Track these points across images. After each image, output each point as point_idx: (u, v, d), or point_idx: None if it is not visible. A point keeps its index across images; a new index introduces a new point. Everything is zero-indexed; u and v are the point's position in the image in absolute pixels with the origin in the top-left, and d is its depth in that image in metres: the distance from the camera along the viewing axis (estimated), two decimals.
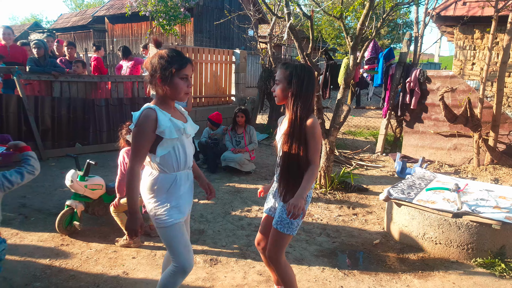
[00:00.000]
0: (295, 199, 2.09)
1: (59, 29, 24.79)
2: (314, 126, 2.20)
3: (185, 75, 2.05)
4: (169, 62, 2.01)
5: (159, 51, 2.07)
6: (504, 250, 3.31)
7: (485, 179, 5.88)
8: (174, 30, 12.31)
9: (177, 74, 2.02)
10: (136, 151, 2.01)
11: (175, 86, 2.04)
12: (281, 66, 2.30)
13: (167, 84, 2.02)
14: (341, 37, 26.91)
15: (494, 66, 7.94)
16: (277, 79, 2.28)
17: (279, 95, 2.29)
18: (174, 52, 2.06)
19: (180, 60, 2.05)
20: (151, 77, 2.05)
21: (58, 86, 6.42)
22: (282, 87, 2.26)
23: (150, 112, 2.01)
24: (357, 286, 2.99)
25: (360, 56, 5.23)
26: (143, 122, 1.99)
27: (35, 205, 4.39)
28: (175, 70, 2.01)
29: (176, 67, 2.01)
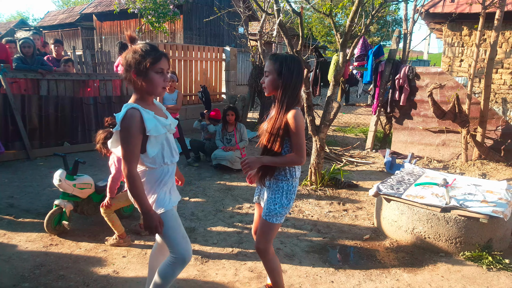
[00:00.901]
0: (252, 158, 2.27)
1: (46, 27, 24.46)
2: (298, 116, 2.23)
3: (160, 69, 2.01)
4: (143, 56, 1.97)
5: (133, 46, 2.03)
6: (491, 243, 3.37)
7: (473, 174, 5.96)
8: (163, 28, 12.23)
9: (152, 69, 1.98)
10: (129, 154, 1.96)
11: (151, 80, 2.00)
12: (270, 58, 2.30)
13: (143, 79, 1.99)
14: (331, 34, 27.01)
15: (481, 62, 8.03)
16: (267, 71, 2.28)
17: (268, 86, 2.29)
18: (148, 46, 2.02)
19: (154, 53, 2.00)
20: (126, 72, 2.02)
21: (46, 85, 6.33)
22: (272, 78, 2.26)
23: (134, 112, 1.96)
24: (348, 281, 3.01)
25: (350, 53, 5.25)
26: (130, 123, 1.94)
27: (23, 205, 4.33)
28: (150, 64, 1.96)
29: (150, 60, 1.97)
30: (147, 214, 2.01)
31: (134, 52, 1.99)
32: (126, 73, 2.01)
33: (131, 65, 1.99)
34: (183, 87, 8.87)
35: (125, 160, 1.96)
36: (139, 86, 2.01)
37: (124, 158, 1.97)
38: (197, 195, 4.87)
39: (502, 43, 8.22)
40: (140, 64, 1.97)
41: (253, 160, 2.26)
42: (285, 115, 2.23)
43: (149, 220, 2.02)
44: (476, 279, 3.06)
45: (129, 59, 1.99)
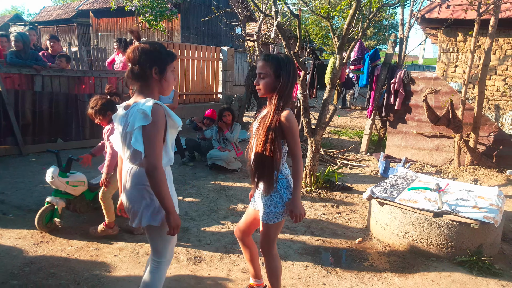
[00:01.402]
0: (293, 206, 2.26)
1: (41, 22, 24.29)
2: (292, 116, 2.26)
3: (174, 68, 2.05)
4: (165, 55, 1.98)
5: (143, 43, 2.00)
6: (481, 248, 3.39)
7: (465, 179, 6.00)
8: (161, 26, 12.18)
9: (170, 67, 2.01)
10: (158, 148, 1.90)
11: (167, 79, 2.01)
12: (265, 59, 2.27)
13: (160, 77, 1.98)
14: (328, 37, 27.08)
15: (476, 68, 8.10)
16: (263, 72, 2.25)
17: (265, 88, 2.27)
18: (160, 44, 2.04)
19: (171, 52, 2.04)
20: (140, 70, 1.95)
21: (40, 80, 6.28)
22: (269, 80, 2.25)
23: (159, 107, 1.91)
24: (340, 283, 3.02)
25: (347, 56, 5.27)
26: (159, 117, 1.89)
27: (14, 201, 4.29)
28: (170, 62, 1.99)
29: (169, 60, 1.99)
30: (173, 214, 1.95)
31: (154, 50, 1.96)
32: (142, 71, 1.95)
33: (154, 62, 1.95)
34: (179, 87, 8.85)
35: (153, 155, 1.87)
36: (157, 84, 2.00)
37: (152, 154, 1.88)
38: (192, 195, 4.85)
39: (495, 50, 8.30)
40: (163, 62, 1.97)
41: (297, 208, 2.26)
42: (279, 115, 2.23)
43: (176, 219, 1.97)
44: (466, 284, 3.08)
45: (151, 56, 1.95)
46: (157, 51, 1.97)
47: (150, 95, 1.98)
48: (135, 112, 1.90)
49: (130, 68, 1.98)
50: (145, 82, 1.98)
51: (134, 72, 1.97)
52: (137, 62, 1.95)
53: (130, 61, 1.97)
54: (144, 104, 1.89)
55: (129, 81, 2.01)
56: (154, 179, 1.88)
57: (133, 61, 1.96)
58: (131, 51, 1.97)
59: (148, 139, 1.88)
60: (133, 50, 1.97)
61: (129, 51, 1.97)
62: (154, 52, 1.96)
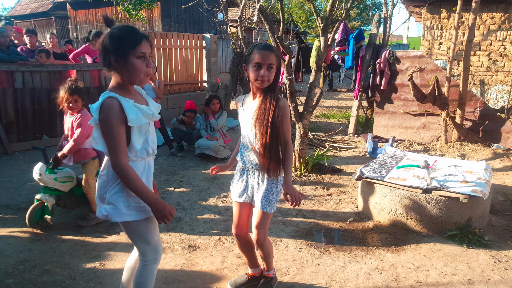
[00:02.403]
0: (289, 189, 2.30)
1: (17, 17, 23.64)
2: (287, 105, 2.29)
3: (142, 53, 1.82)
4: (122, 39, 1.80)
5: (110, 29, 1.86)
6: (471, 221, 3.47)
7: (453, 155, 6.10)
8: (141, 15, 11.97)
9: (133, 53, 1.81)
10: (115, 146, 1.79)
11: (132, 66, 1.82)
12: (272, 49, 2.22)
13: (123, 66, 1.82)
14: (312, 20, 26.93)
15: (460, 45, 8.16)
16: (272, 63, 2.19)
17: (270, 79, 2.22)
18: (127, 28, 1.84)
19: (134, 36, 1.82)
20: (103, 59, 1.84)
21: (20, 77, 6.14)
22: (274, 71, 2.22)
23: (111, 101, 1.79)
24: (333, 263, 3.06)
25: (331, 38, 5.25)
26: (109, 113, 1.77)
27: (3, 200, 4.23)
28: (129, 48, 1.80)
29: (129, 44, 1.80)
30: (156, 204, 1.86)
31: (111, 36, 1.81)
32: (104, 59, 1.84)
33: (109, 50, 1.81)
34: (163, 76, 8.73)
35: (112, 154, 1.80)
36: (119, 73, 1.85)
37: (110, 153, 1.80)
38: (182, 185, 4.84)
39: (479, 26, 8.36)
40: (119, 49, 1.79)
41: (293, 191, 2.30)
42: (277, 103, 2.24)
43: (160, 209, 1.86)
44: (456, 256, 3.16)
45: (106, 43, 1.81)
46: (112, 37, 1.81)
47: (119, 84, 1.89)
48: (93, 109, 1.85)
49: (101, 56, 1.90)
50: (111, 72, 1.88)
51: (103, 61, 1.88)
52: (101, 50, 1.85)
53: (99, 49, 1.89)
54: (99, 100, 1.82)
55: (105, 70, 1.92)
56: (122, 177, 1.82)
57: (100, 49, 1.87)
58: (100, 39, 1.88)
59: (104, 136, 1.81)
60: (101, 37, 1.87)
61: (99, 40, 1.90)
62: (112, 38, 1.81)
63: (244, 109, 2.39)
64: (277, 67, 2.23)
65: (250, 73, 2.23)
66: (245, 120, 2.36)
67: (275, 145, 2.26)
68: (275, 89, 2.27)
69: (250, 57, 2.23)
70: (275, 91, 2.27)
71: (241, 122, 2.41)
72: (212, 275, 2.89)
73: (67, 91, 3.43)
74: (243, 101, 2.44)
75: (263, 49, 2.19)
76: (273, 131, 2.23)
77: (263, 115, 2.23)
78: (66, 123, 3.62)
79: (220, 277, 2.87)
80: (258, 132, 2.25)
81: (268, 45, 2.25)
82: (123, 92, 1.88)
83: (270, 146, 2.24)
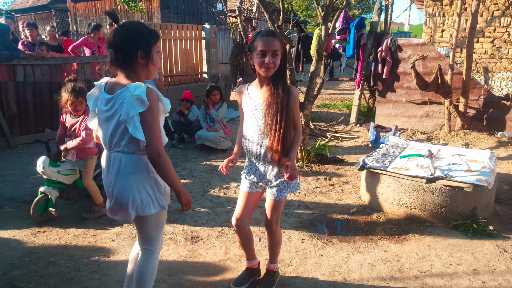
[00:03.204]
0: (291, 163, 2.21)
1: (17, 10, 23.50)
2: (297, 92, 2.27)
3: (159, 49, 1.90)
4: (148, 35, 1.83)
5: (122, 25, 1.84)
6: (475, 211, 3.45)
7: (457, 144, 6.06)
8: (140, 7, 11.86)
9: (154, 48, 1.86)
10: (159, 133, 1.83)
11: (154, 62, 1.88)
12: (275, 35, 2.18)
13: (147, 60, 1.84)
14: (312, 8, 26.68)
15: (463, 32, 8.06)
16: (277, 49, 2.14)
17: (276, 65, 2.18)
18: (143, 24, 1.89)
19: (154, 32, 1.87)
20: (124, 55, 1.82)
21: (22, 70, 6.11)
22: (279, 57, 2.17)
23: (153, 90, 1.82)
24: (336, 254, 3.06)
25: (332, 27, 5.19)
26: (155, 101, 1.81)
27: (6, 194, 4.24)
28: (154, 44, 1.85)
29: (154, 39, 1.85)
30: (184, 191, 1.95)
31: (137, 31, 1.82)
32: (126, 55, 1.82)
33: (139, 46, 1.81)
34: (163, 68, 8.67)
35: (156, 142, 1.81)
36: (143, 69, 1.87)
37: (154, 140, 1.81)
38: (184, 176, 4.84)
39: (482, 12, 8.25)
40: (147, 45, 1.83)
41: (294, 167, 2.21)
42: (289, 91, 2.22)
43: (187, 196, 1.96)
44: (461, 246, 3.15)
45: (134, 39, 1.81)
46: (139, 32, 1.81)
47: (136, 80, 1.86)
48: (129, 99, 1.77)
49: (112, 54, 1.85)
50: (130, 68, 1.85)
51: (117, 59, 1.84)
52: (119, 48, 1.81)
53: (112, 47, 1.83)
54: (137, 89, 1.77)
55: (113, 68, 1.88)
56: (161, 165, 1.83)
57: (114, 47, 1.82)
58: (111, 35, 1.82)
59: (148, 125, 1.80)
60: (113, 34, 1.81)
61: (109, 36, 1.84)
62: (136, 34, 1.81)
63: (251, 97, 2.31)
64: (282, 53, 2.18)
65: (255, 61, 2.18)
66: (252, 108, 2.29)
67: (286, 134, 2.22)
68: (285, 76, 2.25)
69: (253, 44, 2.18)
70: (285, 78, 2.24)
71: (247, 111, 2.33)
72: (215, 266, 2.90)
73: (71, 93, 3.39)
74: (247, 89, 2.36)
75: (266, 36, 2.14)
76: (286, 120, 2.20)
77: (275, 102, 2.18)
78: (68, 122, 3.61)
79: (223, 268, 2.87)
80: (270, 121, 2.20)
81: (271, 31, 2.20)
82: None
83: (279, 135, 2.19)
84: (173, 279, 2.73)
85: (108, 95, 1.91)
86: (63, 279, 2.71)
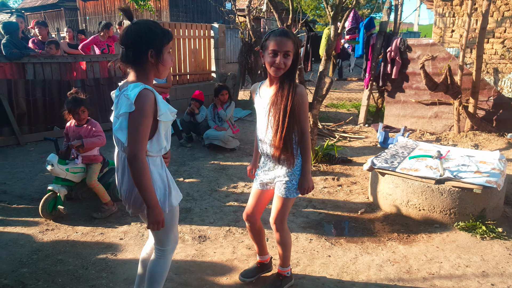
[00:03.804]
0: (304, 181, 2.32)
1: (27, 9, 23.73)
2: (305, 93, 2.25)
3: (170, 49, 1.90)
4: (161, 35, 1.82)
5: (135, 23, 1.83)
6: (484, 213, 3.42)
7: (466, 145, 6.00)
8: (149, 6, 11.91)
9: (166, 48, 1.86)
10: (141, 137, 1.77)
11: (164, 62, 1.86)
12: (288, 35, 2.16)
13: (157, 59, 1.83)
14: (321, 8, 26.57)
15: (473, 32, 7.97)
16: (289, 50, 2.13)
17: (287, 66, 2.18)
18: (157, 23, 1.87)
19: (167, 32, 1.86)
20: (135, 53, 1.81)
21: (31, 68, 6.17)
22: (291, 58, 2.17)
23: (149, 92, 1.78)
24: (344, 254, 3.05)
25: (341, 26, 5.17)
26: (146, 103, 1.76)
27: (16, 191, 4.28)
28: (166, 44, 1.84)
29: (167, 39, 1.84)
30: (155, 207, 1.84)
31: (149, 30, 1.81)
32: (137, 54, 1.82)
33: (150, 45, 1.80)
34: (171, 67, 8.71)
35: (134, 144, 1.76)
36: (152, 67, 1.86)
37: (134, 143, 1.76)
38: (192, 175, 4.85)
39: (493, 12, 8.15)
40: (159, 44, 1.82)
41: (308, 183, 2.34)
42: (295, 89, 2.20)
43: (157, 214, 1.85)
44: (470, 248, 3.12)
45: (145, 38, 1.80)
46: (152, 31, 1.80)
47: (145, 79, 1.86)
48: (122, 97, 1.81)
49: (123, 51, 1.85)
50: (140, 66, 1.85)
51: (128, 56, 1.83)
52: (130, 45, 1.81)
53: (123, 44, 1.84)
54: (132, 89, 1.77)
55: (123, 64, 1.88)
56: (133, 169, 1.78)
57: (126, 44, 1.82)
58: (124, 32, 1.83)
59: (131, 127, 1.78)
60: (126, 31, 1.81)
61: (122, 32, 1.84)
62: (149, 33, 1.80)
63: (261, 96, 2.34)
64: (294, 54, 2.17)
65: (266, 60, 2.18)
66: (261, 107, 2.33)
67: (290, 134, 2.20)
68: (294, 76, 2.24)
69: (266, 43, 2.18)
70: (293, 78, 2.23)
71: (258, 110, 2.37)
72: (222, 266, 2.90)
73: (73, 103, 3.59)
74: (259, 88, 2.39)
75: (279, 36, 2.13)
76: (290, 118, 2.16)
77: (280, 101, 2.17)
78: (73, 132, 3.75)
79: (231, 268, 2.87)
80: (273, 119, 2.21)
81: (285, 31, 2.18)
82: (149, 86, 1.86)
83: (284, 135, 2.17)
84: (181, 278, 2.73)
85: (117, 93, 1.93)
86: (71, 277, 2.73)
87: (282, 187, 2.36)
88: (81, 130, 3.70)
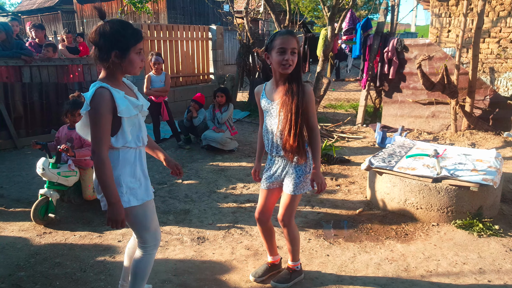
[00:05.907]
0: (317, 177, 2.39)
1: (24, 12, 23.71)
2: (312, 91, 2.32)
3: (139, 49, 1.92)
4: (127, 37, 1.86)
5: (105, 22, 1.86)
6: (481, 210, 3.43)
7: (463, 144, 6.02)
8: (146, 8, 11.93)
9: (133, 50, 1.88)
10: (99, 135, 1.83)
11: (131, 62, 1.90)
12: (293, 34, 2.27)
13: (122, 60, 1.87)
14: (318, 9, 26.64)
15: (469, 32, 8.01)
16: (295, 48, 2.23)
17: (294, 63, 2.25)
18: (126, 24, 1.90)
19: (136, 33, 1.89)
20: (100, 52, 1.86)
21: (28, 71, 6.16)
22: (296, 56, 2.25)
23: (103, 91, 1.84)
24: (343, 253, 3.05)
25: (338, 27, 5.19)
26: (100, 103, 1.82)
27: (13, 195, 4.28)
28: (132, 45, 1.87)
29: (133, 41, 1.87)
30: (115, 205, 1.86)
31: (115, 32, 1.84)
32: (101, 53, 1.86)
33: (114, 45, 1.84)
34: (169, 69, 8.72)
35: (94, 142, 1.83)
36: (116, 67, 1.90)
37: (94, 141, 1.84)
38: (190, 177, 4.85)
39: (488, 12, 8.20)
40: (124, 45, 1.85)
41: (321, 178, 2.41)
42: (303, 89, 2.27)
43: (116, 212, 1.87)
44: (467, 246, 3.13)
45: (108, 38, 1.84)
46: (118, 32, 1.84)
47: (112, 77, 1.93)
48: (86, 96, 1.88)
49: (93, 49, 1.91)
50: (106, 64, 1.89)
51: (96, 54, 1.89)
52: (97, 44, 1.86)
53: (92, 42, 1.88)
54: (90, 89, 1.85)
55: (95, 62, 1.95)
56: (98, 166, 1.84)
57: (94, 43, 1.87)
58: (93, 31, 1.87)
59: (91, 125, 1.85)
60: (94, 30, 1.87)
61: (91, 31, 1.89)
62: (115, 34, 1.84)
63: (268, 97, 2.40)
64: (298, 53, 2.26)
65: (274, 59, 2.25)
66: (269, 107, 2.38)
67: (301, 132, 2.27)
68: (300, 75, 2.30)
69: (272, 44, 2.26)
70: (300, 77, 2.30)
71: (265, 110, 2.42)
72: (221, 267, 2.90)
73: (71, 105, 3.61)
74: (264, 90, 2.45)
75: (286, 34, 2.25)
76: (300, 117, 2.24)
77: (290, 101, 2.24)
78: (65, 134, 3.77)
79: (230, 269, 2.87)
80: (284, 118, 2.27)
81: (290, 30, 2.30)
82: (114, 84, 1.92)
83: (295, 133, 2.25)
84: (179, 279, 2.73)
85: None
86: (69, 280, 2.73)
87: (290, 183, 2.41)
88: (73, 133, 3.67)
